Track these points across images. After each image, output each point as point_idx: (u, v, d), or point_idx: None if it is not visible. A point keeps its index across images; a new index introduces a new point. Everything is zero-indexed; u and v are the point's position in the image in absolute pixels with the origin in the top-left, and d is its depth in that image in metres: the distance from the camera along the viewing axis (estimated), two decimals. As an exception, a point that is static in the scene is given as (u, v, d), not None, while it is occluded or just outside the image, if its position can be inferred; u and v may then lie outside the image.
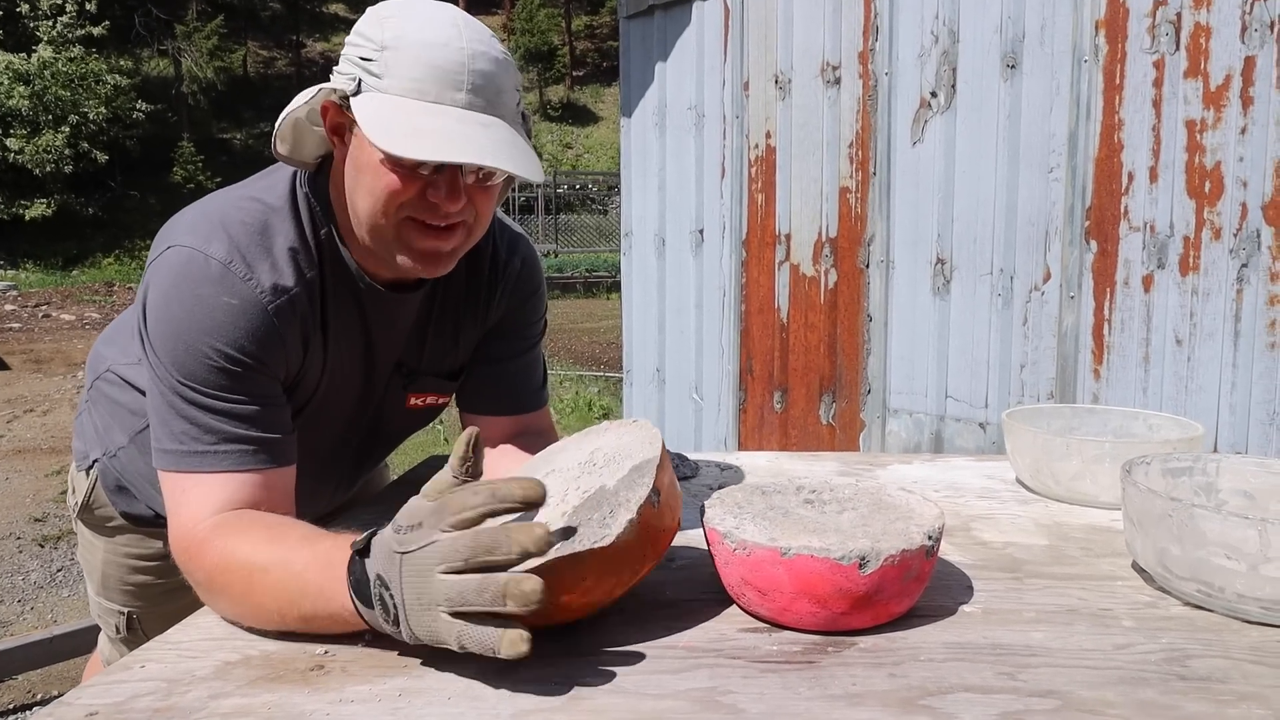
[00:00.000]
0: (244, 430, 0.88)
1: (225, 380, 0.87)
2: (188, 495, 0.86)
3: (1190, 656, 0.71)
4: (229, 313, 0.87)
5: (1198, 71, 2.19)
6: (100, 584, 1.26)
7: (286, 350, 0.92)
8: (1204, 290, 2.21)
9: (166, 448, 0.88)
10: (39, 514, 4.06)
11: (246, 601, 0.79)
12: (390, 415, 1.13)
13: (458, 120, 0.83)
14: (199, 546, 0.83)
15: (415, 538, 0.67)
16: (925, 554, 0.76)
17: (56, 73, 15.52)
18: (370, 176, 0.87)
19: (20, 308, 11.63)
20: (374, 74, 0.85)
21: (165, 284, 0.88)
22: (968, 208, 2.66)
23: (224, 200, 0.94)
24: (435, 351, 1.10)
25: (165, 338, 0.87)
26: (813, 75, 3.05)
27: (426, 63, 0.83)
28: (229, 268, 0.88)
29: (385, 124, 0.82)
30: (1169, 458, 0.93)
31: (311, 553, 0.77)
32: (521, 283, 1.13)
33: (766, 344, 3.33)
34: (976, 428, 2.69)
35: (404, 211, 0.89)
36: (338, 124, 0.90)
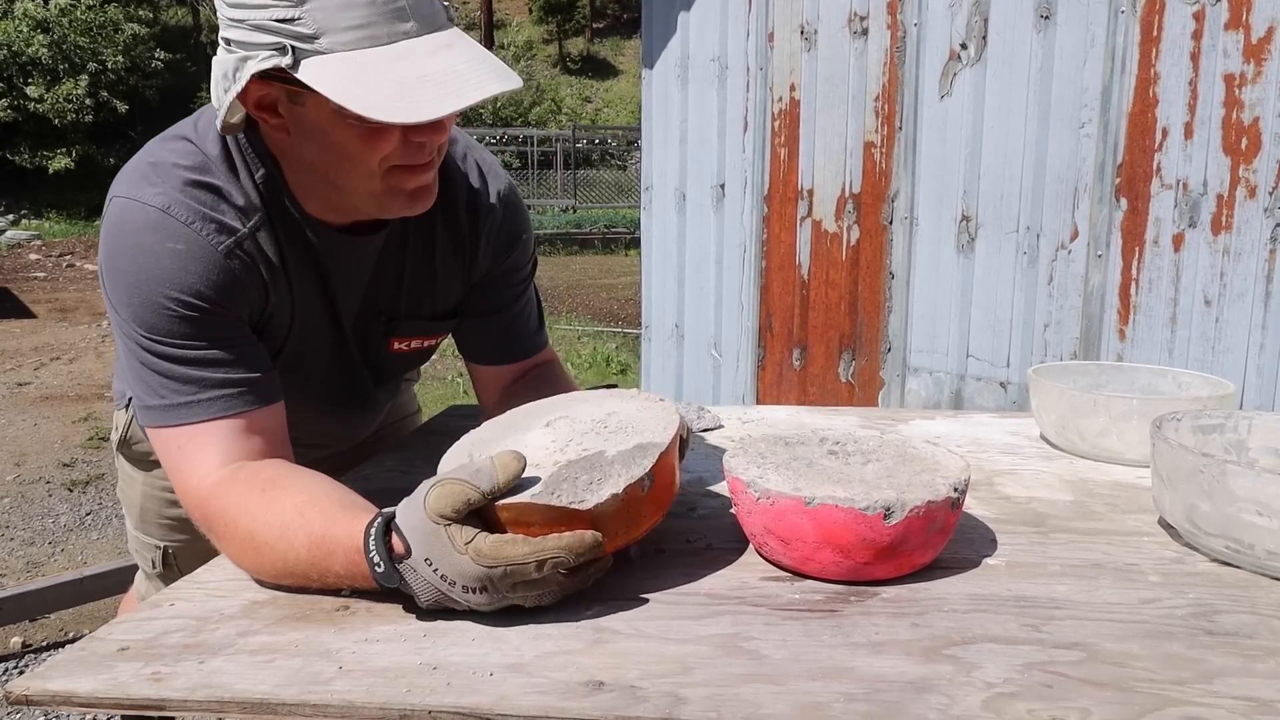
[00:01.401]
0: (221, 374, 0.85)
1: (188, 328, 0.84)
2: (184, 453, 0.85)
3: (1217, 612, 0.70)
4: (176, 258, 0.84)
5: (1239, 23, 2.12)
6: (139, 518, 1.26)
7: (247, 293, 0.89)
8: (1236, 250, 2.17)
9: (148, 404, 0.86)
10: (67, 459, 4.13)
11: (261, 570, 0.79)
12: (376, 359, 1.10)
13: (428, 54, 0.77)
14: (208, 519, 0.83)
15: (484, 600, 0.69)
16: (950, 506, 0.75)
17: (75, 20, 15.44)
18: (340, 143, 0.82)
19: (45, 257, 11.73)
20: (305, 35, 0.76)
21: (110, 239, 0.86)
22: (995, 164, 2.61)
23: (158, 147, 0.90)
24: (413, 295, 1.06)
25: (120, 293, 0.84)
26: (839, 26, 2.98)
27: (360, 3, 0.76)
28: (168, 213, 0.84)
29: (361, 91, 0.75)
30: (1200, 414, 0.92)
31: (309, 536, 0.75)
32: (504, 230, 1.08)
33: (787, 301, 3.30)
34: (997, 387, 2.67)
35: (388, 163, 0.84)
36: (264, 98, 0.82)
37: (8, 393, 5.39)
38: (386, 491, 0.85)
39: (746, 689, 0.60)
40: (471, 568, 0.67)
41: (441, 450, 0.87)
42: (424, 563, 0.69)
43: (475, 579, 0.68)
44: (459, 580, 0.68)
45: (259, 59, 0.77)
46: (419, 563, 0.69)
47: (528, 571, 0.68)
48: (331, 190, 0.89)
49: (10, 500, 3.64)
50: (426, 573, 0.69)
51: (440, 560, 0.68)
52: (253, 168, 0.90)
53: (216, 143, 0.89)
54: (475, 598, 0.69)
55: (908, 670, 0.62)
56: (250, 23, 0.77)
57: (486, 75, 0.78)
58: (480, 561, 0.67)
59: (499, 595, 0.69)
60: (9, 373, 5.92)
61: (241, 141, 0.89)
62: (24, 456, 4.19)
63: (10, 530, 3.34)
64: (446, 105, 0.75)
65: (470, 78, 0.77)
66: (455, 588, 0.68)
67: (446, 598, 0.69)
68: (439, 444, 1.22)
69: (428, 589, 0.70)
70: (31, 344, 6.88)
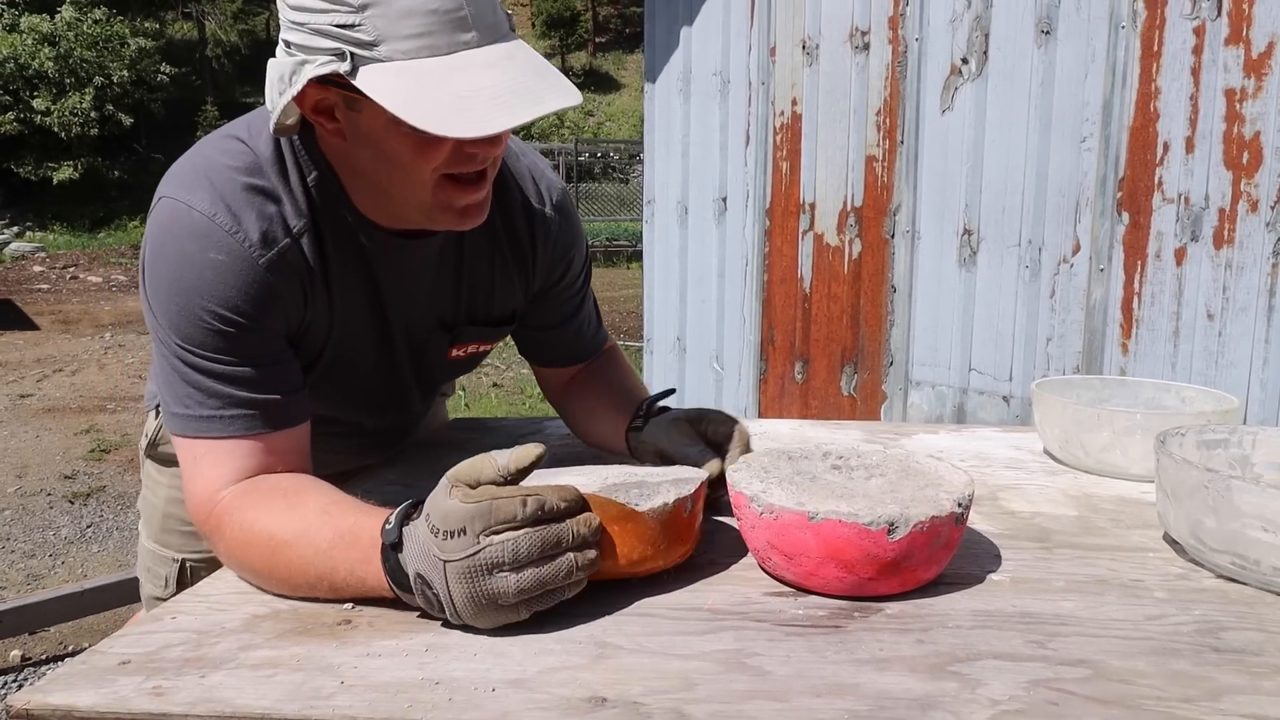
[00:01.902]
0: (248, 394, 0.85)
1: (223, 342, 0.84)
2: (200, 464, 0.85)
3: (1223, 629, 0.70)
4: (217, 270, 0.83)
5: (1239, 39, 2.12)
6: (160, 526, 1.24)
7: (283, 305, 0.88)
8: (1238, 264, 2.17)
9: (174, 411, 0.86)
10: (69, 471, 4.13)
11: (272, 575, 0.79)
12: (431, 365, 1.10)
13: (487, 66, 0.76)
14: (218, 520, 0.83)
15: (459, 545, 0.67)
16: (955, 521, 0.75)
17: (81, 34, 15.54)
18: (395, 151, 0.82)
19: (49, 269, 11.76)
20: (365, 42, 0.75)
21: (154, 240, 0.85)
22: (997, 178, 2.62)
23: (211, 146, 0.89)
24: (472, 301, 1.06)
25: (160, 298, 0.84)
26: (841, 41, 3.00)
27: (422, 11, 0.74)
28: (214, 220, 0.83)
29: (419, 102, 0.74)
30: (1204, 429, 0.92)
31: (333, 530, 0.76)
32: (561, 238, 1.08)
33: (789, 314, 3.31)
34: (1000, 401, 2.67)
35: (440, 172, 0.83)
36: (321, 102, 0.81)
37: (10, 404, 5.39)
38: (387, 505, 0.85)
39: (750, 705, 0.60)
40: (456, 508, 0.68)
41: (443, 463, 0.87)
42: (424, 519, 0.70)
43: (457, 519, 0.67)
44: (441, 525, 0.68)
45: (317, 64, 0.77)
46: (421, 520, 0.70)
47: (513, 507, 0.67)
48: (384, 197, 0.89)
49: (11, 512, 3.64)
50: (423, 528, 0.70)
51: (434, 510, 0.69)
52: (305, 171, 0.89)
53: (270, 144, 0.88)
54: (451, 543, 0.67)
55: (912, 687, 0.62)
56: (310, 27, 0.77)
57: (545, 90, 0.77)
58: (467, 500, 0.68)
59: (472, 539, 0.67)
60: (11, 384, 5.93)
61: (296, 144, 0.89)
62: (25, 468, 4.19)
63: (11, 542, 3.34)
64: (502, 121, 0.74)
65: (529, 92, 0.76)
66: (438, 535, 0.68)
67: (429, 558, 0.69)
68: (441, 457, 1.22)
69: (417, 549, 0.70)
70: (34, 356, 6.89)
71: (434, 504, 0.70)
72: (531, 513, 0.68)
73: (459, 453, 1.23)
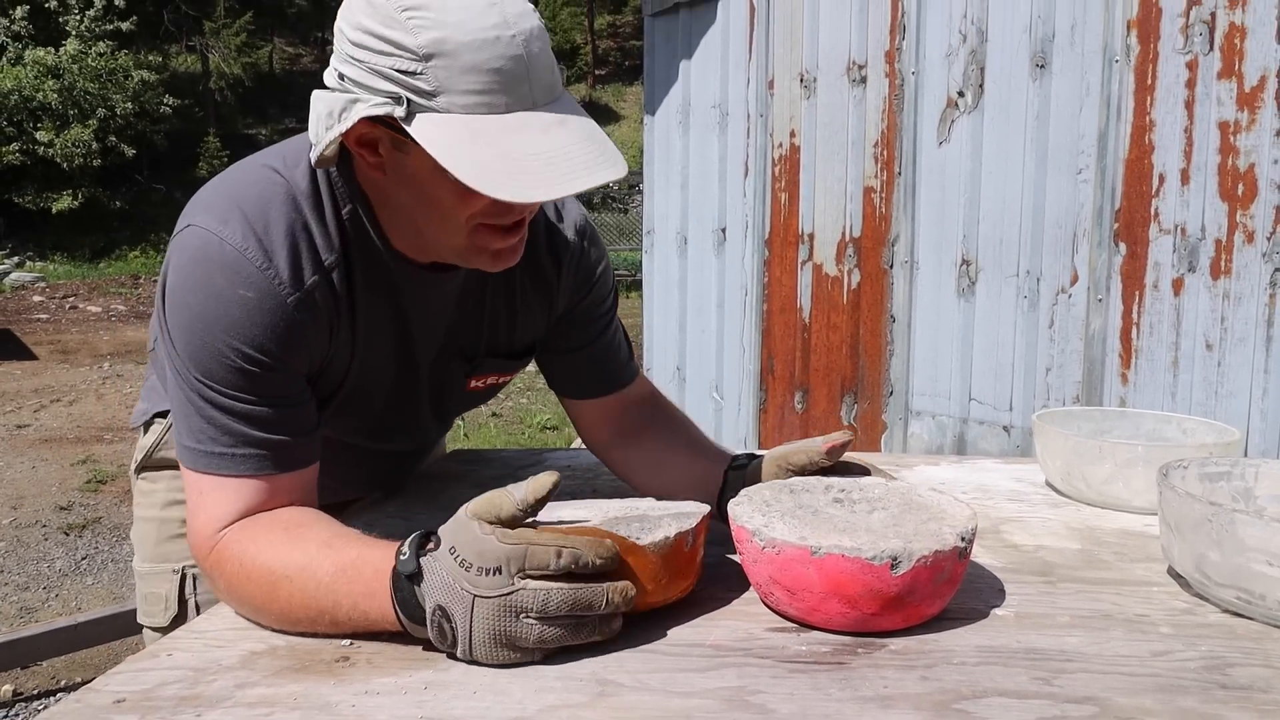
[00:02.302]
0: (262, 434, 0.84)
1: (244, 381, 0.83)
2: (205, 498, 0.84)
3: (1231, 665, 0.69)
4: (245, 308, 0.82)
5: (1232, 72, 2.15)
6: (157, 537, 1.20)
7: (308, 344, 0.88)
8: (1236, 294, 2.18)
9: (186, 444, 0.85)
10: (64, 502, 4.11)
11: (271, 610, 0.79)
12: (449, 397, 1.09)
13: (542, 131, 0.76)
14: (219, 555, 0.83)
15: (494, 584, 0.69)
16: (958, 555, 0.74)
17: (85, 67, 15.70)
18: (434, 197, 0.82)
19: (48, 299, 11.78)
20: (424, 91, 0.74)
21: (181, 269, 0.84)
22: (994, 209, 2.64)
23: (244, 174, 0.88)
24: (494, 332, 1.05)
25: (182, 330, 0.83)
26: (838, 74, 3.03)
27: (484, 68, 0.74)
28: (245, 255, 0.82)
29: (470, 158, 0.73)
30: (1206, 462, 0.91)
31: (335, 563, 0.76)
32: (584, 263, 1.07)
33: (788, 344, 3.31)
34: (1000, 431, 2.66)
35: (477, 219, 0.83)
36: (366, 136, 0.81)
37: (7, 435, 5.38)
38: (389, 538, 0.84)
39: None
40: (494, 546, 0.69)
41: (443, 495, 0.87)
42: (448, 552, 0.70)
43: (494, 558, 0.68)
44: (476, 561, 0.69)
45: (371, 104, 0.76)
46: (443, 553, 0.71)
47: (547, 557, 0.68)
48: (418, 234, 0.88)
49: (6, 544, 3.61)
50: (447, 561, 0.70)
51: (464, 545, 0.70)
52: (340, 203, 0.88)
53: (306, 176, 0.87)
54: (486, 580, 0.68)
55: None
56: (369, 65, 0.76)
57: (595, 160, 0.77)
58: (504, 540, 0.69)
59: (508, 579, 0.68)
60: (8, 414, 5.91)
61: (332, 175, 0.88)
62: (21, 499, 4.16)
63: (5, 574, 3.31)
64: (552, 190, 0.74)
65: (580, 160, 0.76)
66: (470, 570, 0.69)
67: (455, 590, 0.69)
68: (440, 489, 1.22)
69: (440, 581, 0.70)
70: (32, 386, 6.88)
71: (461, 539, 0.70)
72: (565, 565, 0.69)
73: (458, 484, 1.23)
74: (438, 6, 0.75)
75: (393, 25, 0.74)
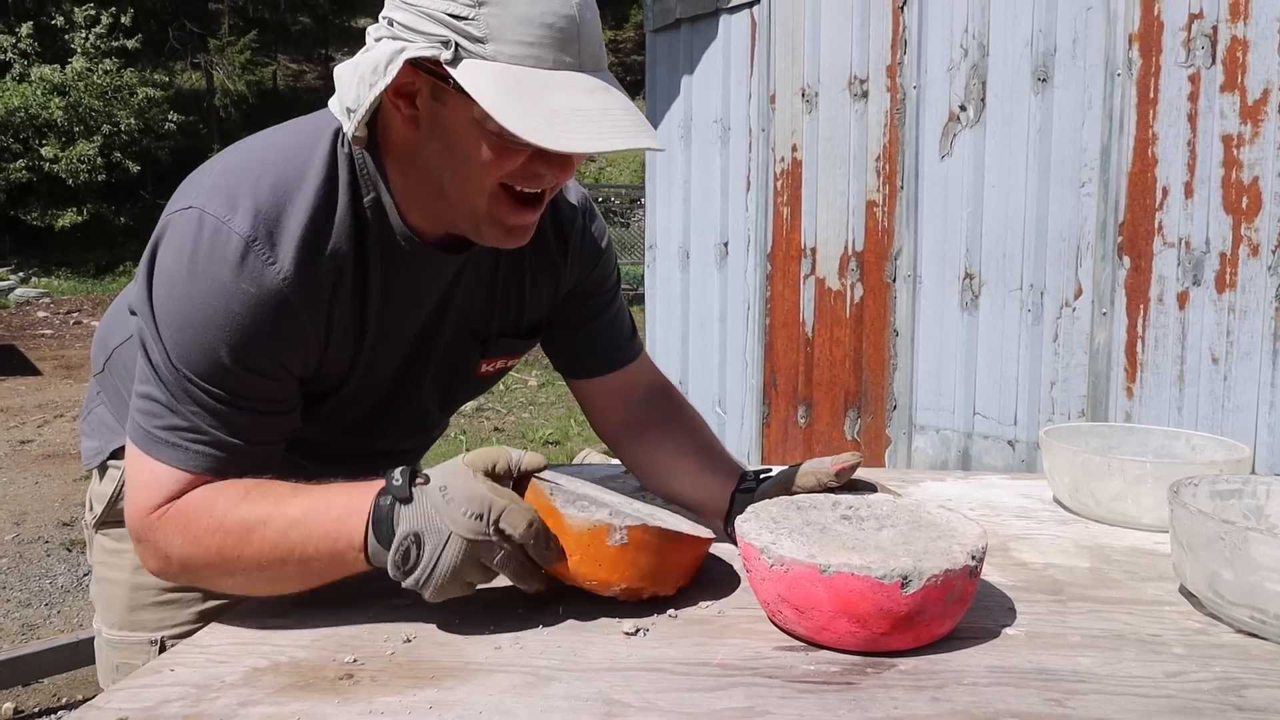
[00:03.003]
0: (228, 437, 0.81)
1: (229, 381, 0.80)
2: (150, 479, 0.82)
3: (1245, 686, 0.68)
4: (246, 304, 0.78)
5: (1234, 85, 2.15)
6: (127, 604, 1.09)
7: (307, 343, 0.84)
8: (1241, 308, 2.17)
9: (139, 423, 0.82)
10: (67, 518, 4.10)
11: (242, 557, 0.79)
12: (458, 383, 1.06)
13: (586, 92, 0.76)
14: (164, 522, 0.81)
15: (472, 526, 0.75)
16: (969, 574, 0.74)
17: (90, 84, 15.79)
18: (466, 148, 0.79)
19: (52, 314, 11.81)
20: (474, 36, 0.74)
21: (180, 252, 0.79)
22: (997, 222, 2.64)
23: (258, 153, 0.84)
24: (505, 313, 1.04)
25: (174, 319, 0.79)
26: (840, 89, 3.04)
27: (537, 20, 0.74)
28: (251, 246, 0.78)
29: (515, 106, 0.73)
30: (1217, 479, 0.91)
31: (309, 501, 0.79)
32: (588, 239, 1.06)
33: (791, 358, 3.30)
34: (1005, 445, 2.65)
35: (501, 181, 0.81)
36: (406, 85, 0.78)
37: (10, 450, 5.37)
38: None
39: (763, 768, 0.58)
40: (483, 493, 0.75)
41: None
42: (438, 490, 0.76)
43: (480, 503, 0.75)
44: (464, 504, 0.75)
45: (418, 46, 0.75)
46: (434, 489, 0.76)
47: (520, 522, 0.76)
48: (438, 198, 0.85)
49: (8, 560, 3.60)
50: (436, 497, 0.75)
51: (457, 488, 0.76)
52: (364, 189, 0.86)
53: (325, 159, 0.84)
54: (466, 521, 0.75)
55: (929, 748, 0.60)
56: (420, 9, 0.75)
57: (637, 127, 0.77)
58: (493, 490, 0.76)
59: (485, 526, 0.75)
60: (12, 430, 5.91)
61: (356, 159, 0.85)
62: (24, 515, 4.16)
63: (7, 591, 3.30)
64: (596, 143, 0.74)
65: (623, 124, 0.76)
66: (455, 508, 0.75)
67: (434, 524, 0.75)
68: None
69: (423, 513, 0.75)
70: (36, 401, 6.88)
71: (455, 482, 0.76)
72: (527, 538, 0.76)
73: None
74: None
75: None
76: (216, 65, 20.67)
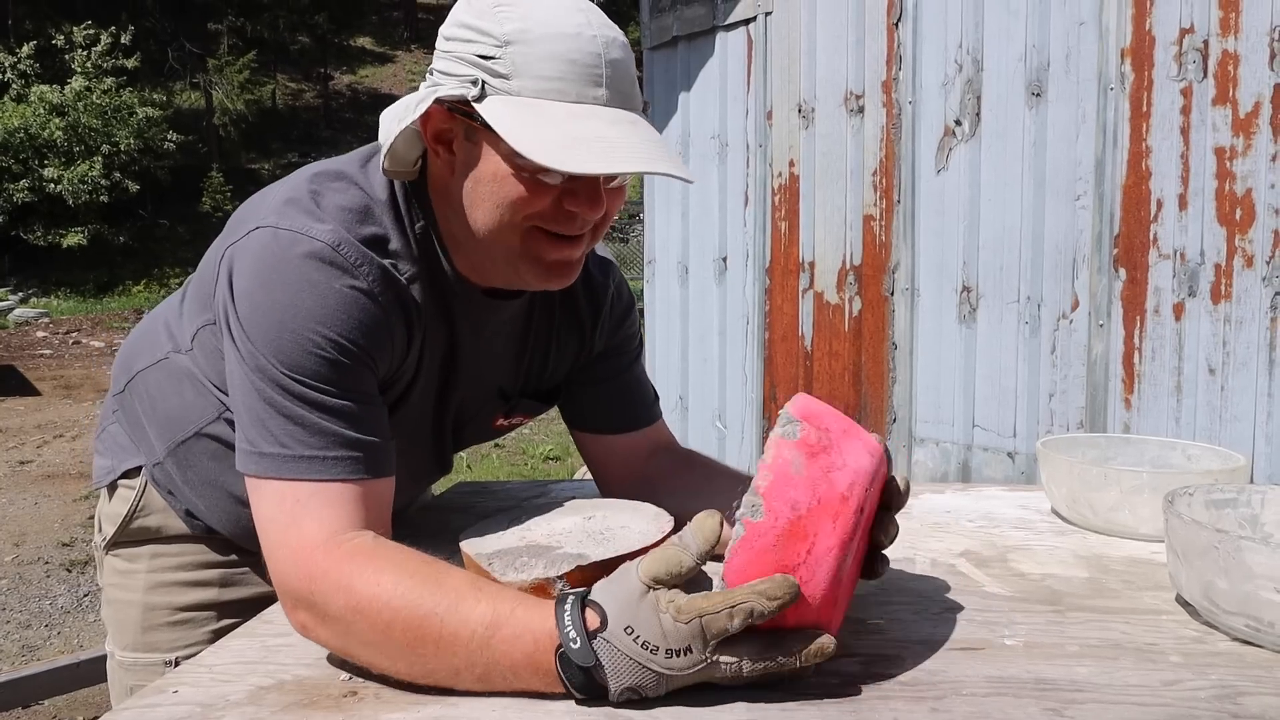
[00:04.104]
0: (353, 433, 0.79)
1: (334, 374, 0.78)
2: (305, 506, 0.76)
3: (1241, 694, 0.69)
4: (341, 299, 0.79)
5: (1226, 99, 2.18)
6: (141, 625, 1.07)
7: (393, 346, 0.84)
8: (1237, 319, 2.18)
9: (265, 451, 0.78)
10: (67, 539, 4.10)
11: (412, 647, 0.70)
12: (469, 433, 1.06)
13: (609, 123, 0.76)
14: (325, 579, 0.73)
15: (687, 662, 0.65)
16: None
17: (90, 104, 15.88)
18: (496, 187, 0.80)
19: (51, 334, 11.83)
20: (499, 74, 0.76)
21: (265, 268, 0.79)
22: (993, 235, 2.65)
23: (317, 184, 0.85)
24: (530, 372, 1.04)
25: (267, 325, 0.78)
26: (836, 104, 3.07)
27: (561, 57, 0.75)
28: (338, 250, 0.79)
29: (532, 133, 0.74)
30: (1212, 489, 0.91)
31: (491, 612, 0.69)
32: (617, 305, 1.07)
33: (790, 372, 3.31)
34: (1005, 457, 2.66)
35: (533, 221, 0.81)
36: (444, 131, 0.81)
37: (9, 471, 5.37)
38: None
39: (764, 779, 0.59)
40: (675, 628, 0.64)
41: (450, 526, 0.87)
42: (624, 632, 0.65)
43: (679, 639, 0.65)
44: (661, 644, 0.65)
45: (449, 86, 0.78)
46: (617, 633, 0.65)
47: (723, 623, 0.64)
48: (476, 244, 0.85)
49: (8, 581, 3.60)
50: (626, 643, 0.65)
51: (642, 626, 0.65)
52: (415, 218, 0.87)
53: (384, 187, 0.86)
54: (679, 661, 0.65)
55: (929, 758, 0.61)
56: (455, 54, 0.78)
57: (659, 155, 0.77)
58: (681, 618, 0.64)
59: (700, 656, 0.65)
60: (11, 450, 5.91)
61: (407, 190, 0.87)
62: (23, 536, 4.15)
63: (7, 612, 3.29)
64: (609, 165, 0.74)
65: (643, 151, 0.76)
66: (659, 654, 0.65)
67: (646, 671, 0.65)
68: (448, 520, 1.22)
69: (626, 665, 0.65)
70: (35, 421, 6.88)
71: (639, 619, 0.65)
72: (740, 625, 0.65)
73: (463, 516, 1.23)
74: (528, 3, 0.77)
75: (483, 16, 0.77)
76: (215, 84, 20.79)
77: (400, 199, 0.87)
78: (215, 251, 0.88)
